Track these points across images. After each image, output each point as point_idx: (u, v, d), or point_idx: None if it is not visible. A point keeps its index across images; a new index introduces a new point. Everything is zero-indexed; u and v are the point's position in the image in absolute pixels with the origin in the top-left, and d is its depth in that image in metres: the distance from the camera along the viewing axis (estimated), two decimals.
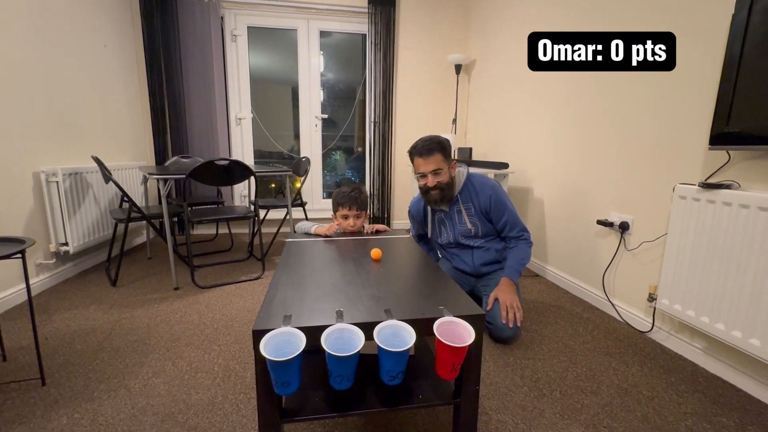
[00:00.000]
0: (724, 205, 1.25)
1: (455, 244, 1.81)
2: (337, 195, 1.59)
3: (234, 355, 1.46)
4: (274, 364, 0.72)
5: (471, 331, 0.80)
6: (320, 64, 3.57)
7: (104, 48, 2.64)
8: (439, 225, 1.83)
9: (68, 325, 1.68)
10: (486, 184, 1.71)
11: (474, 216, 1.71)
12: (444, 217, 1.79)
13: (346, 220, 1.58)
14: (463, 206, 1.72)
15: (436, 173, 1.63)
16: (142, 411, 1.14)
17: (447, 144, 1.66)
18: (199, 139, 3.25)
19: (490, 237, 1.76)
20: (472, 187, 1.72)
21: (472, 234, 1.74)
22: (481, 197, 1.69)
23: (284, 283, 1.03)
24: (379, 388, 0.93)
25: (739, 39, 1.18)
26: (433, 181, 1.64)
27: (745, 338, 1.20)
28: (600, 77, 1.92)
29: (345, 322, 0.79)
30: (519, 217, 1.73)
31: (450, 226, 1.78)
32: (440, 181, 1.64)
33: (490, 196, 1.68)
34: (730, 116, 1.22)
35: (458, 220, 1.74)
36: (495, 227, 1.74)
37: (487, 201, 1.68)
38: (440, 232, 1.84)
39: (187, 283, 2.18)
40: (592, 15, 1.96)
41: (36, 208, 2.05)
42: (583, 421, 1.14)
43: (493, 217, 1.70)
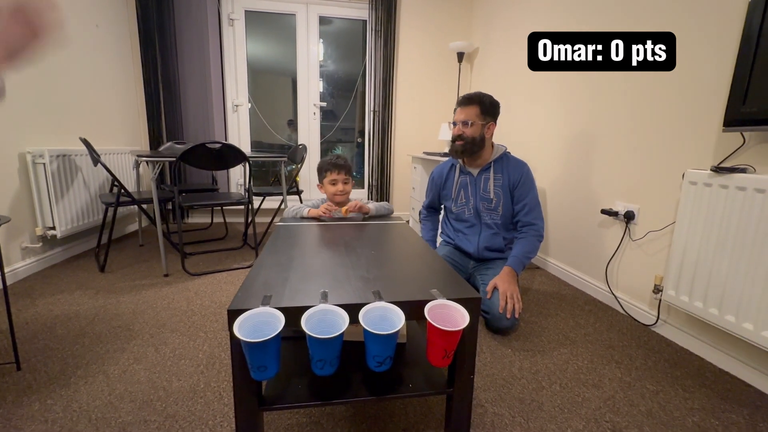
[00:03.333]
0: (737, 190, 1.18)
1: (471, 213, 1.76)
2: (322, 163, 1.61)
3: (220, 342, 1.40)
4: (249, 345, 0.66)
5: (465, 314, 0.73)
6: (319, 52, 3.48)
7: (96, 28, 2.56)
8: (460, 188, 1.79)
9: (51, 309, 1.63)
10: (522, 163, 1.73)
11: (500, 188, 1.70)
12: (469, 181, 1.76)
13: (334, 185, 1.57)
14: (493, 174, 1.71)
15: (465, 123, 1.64)
16: (119, 398, 1.09)
17: (490, 102, 1.67)
18: (195, 125, 3.18)
19: (505, 220, 1.73)
20: (508, 161, 1.72)
21: (492, 206, 1.71)
22: (513, 171, 1.69)
23: (269, 264, 0.97)
24: (366, 376, 0.87)
25: (759, 12, 1.10)
26: (460, 130, 1.65)
27: (758, 331, 1.13)
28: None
29: (330, 304, 0.73)
30: (540, 207, 1.70)
31: (473, 191, 1.75)
32: (466, 132, 1.65)
33: (522, 173, 1.68)
34: (747, 95, 1.15)
35: (483, 186, 1.72)
36: (514, 208, 1.71)
37: (518, 176, 1.68)
38: (459, 196, 1.79)
39: (178, 270, 2.12)
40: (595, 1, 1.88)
41: (22, 190, 1.99)
42: (583, 415, 1.07)
43: (517, 194, 1.69)
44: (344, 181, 1.57)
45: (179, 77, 3.07)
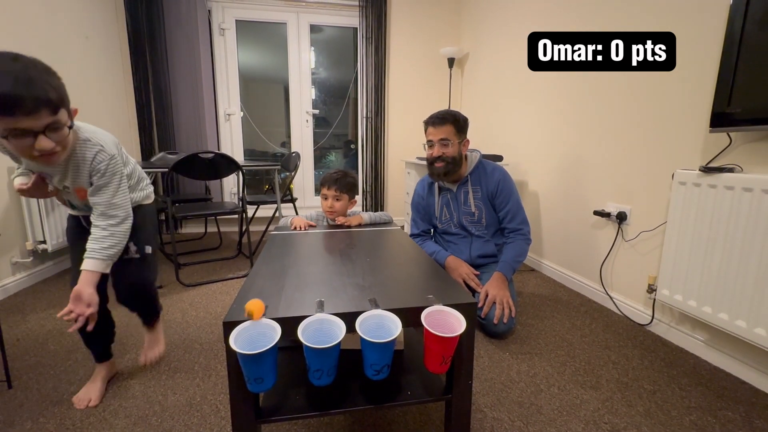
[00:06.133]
0: (726, 189, 1.20)
1: (457, 227, 1.76)
2: (323, 176, 1.58)
3: (216, 353, 1.39)
4: (245, 358, 0.65)
5: (462, 320, 0.73)
6: (311, 59, 3.50)
7: (86, 40, 2.55)
8: (443, 206, 1.79)
9: (43, 325, 1.60)
10: (497, 169, 1.71)
11: (480, 200, 1.69)
12: (450, 198, 1.76)
13: (325, 200, 1.54)
14: (471, 188, 1.70)
15: (443, 143, 1.61)
16: (113, 414, 1.07)
17: (463, 119, 1.65)
18: (187, 135, 3.16)
19: (493, 229, 1.73)
20: (483, 170, 1.71)
21: (475, 219, 1.71)
22: (489, 181, 1.68)
23: (263, 273, 0.96)
24: (364, 385, 0.86)
25: (741, 13, 1.13)
26: (439, 151, 1.62)
27: (750, 328, 1.14)
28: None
29: (326, 313, 0.73)
30: (523, 210, 1.70)
31: (455, 207, 1.75)
32: (446, 152, 1.62)
33: (498, 181, 1.67)
34: (732, 96, 1.17)
35: (464, 201, 1.71)
36: (498, 215, 1.71)
37: (495, 185, 1.67)
38: (443, 213, 1.79)
39: (172, 281, 2.10)
40: (586, 5, 1.91)
41: (11, 204, 1.96)
42: (582, 417, 1.08)
43: (497, 203, 1.68)
44: (335, 197, 1.52)
45: (170, 87, 3.06)
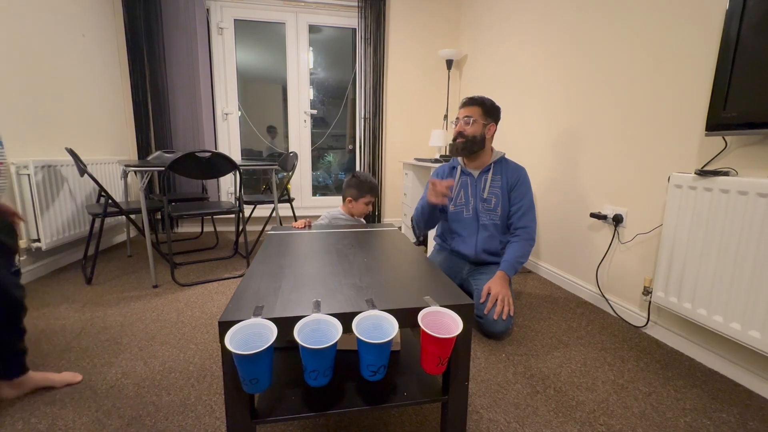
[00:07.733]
0: (721, 192, 1.21)
1: (470, 213, 1.78)
2: (362, 185, 1.71)
3: (212, 353, 1.38)
4: (240, 358, 0.65)
5: (458, 321, 0.73)
6: (309, 60, 3.49)
7: (83, 38, 2.54)
8: (460, 189, 1.82)
9: (36, 324, 1.58)
10: (520, 167, 1.79)
11: (498, 188, 1.74)
12: (470, 182, 1.79)
13: (367, 206, 1.74)
14: (492, 176, 1.75)
15: (466, 120, 1.70)
16: (106, 414, 1.06)
17: (490, 104, 1.74)
18: (184, 134, 3.15)
19: (503, 222, 1.76)
20: (506, 164, 1.79)
21: (491, 206, 1.74)
22: (511, 174, 1.75)
23: (260, 273, 0.96)
24: (360, 386, 0.86)
25: (737, 19, 1.14)
26: (462, 127, 1.71)
27: (745, 330, 1.15)
28: (592, 68, 1.88)
29: (323, 313, 0.73)
30: (534, 211, 1.74)
31: (473, 191, 1.78)
32: (467, 130, 1.70)
33: (520, 176, 1.74)
34: (727, 101, 1.18)
35: (482, 186, 1.76)
36: (510, 209, 1.75)
37: (515, 179, 1.73)
38: (459, 196, 1.82)
39: (167, 281, 2.09)
40: (582, 7, 1.92)
41: (6, 201, 1.93)
42: (578, 419, 1.08)
43: (513, 195, 1.73)
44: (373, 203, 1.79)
45: (168, 86, 3.05)
